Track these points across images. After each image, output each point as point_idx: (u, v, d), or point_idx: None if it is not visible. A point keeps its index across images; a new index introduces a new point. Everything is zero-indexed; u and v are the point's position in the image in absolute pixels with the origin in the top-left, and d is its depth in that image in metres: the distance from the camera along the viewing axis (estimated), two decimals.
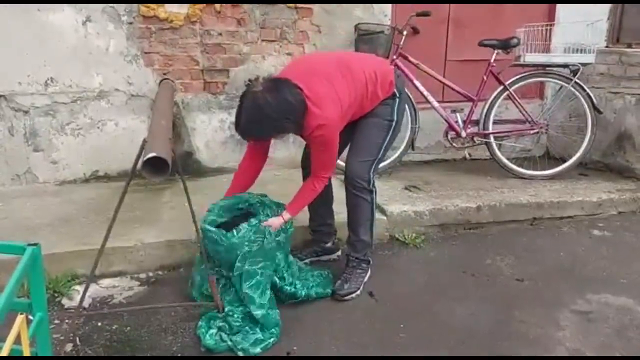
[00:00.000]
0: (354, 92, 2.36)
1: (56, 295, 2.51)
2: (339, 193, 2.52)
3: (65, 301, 2.49)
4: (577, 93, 3.92)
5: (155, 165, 1.90)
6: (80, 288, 2.48)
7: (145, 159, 1.80)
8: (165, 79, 3.71)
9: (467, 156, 4.39)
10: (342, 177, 2.56)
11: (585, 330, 2.27)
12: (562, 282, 2.70)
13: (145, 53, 3.71)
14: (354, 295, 2.52)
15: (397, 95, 2.51)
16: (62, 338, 2.20)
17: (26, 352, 1.43)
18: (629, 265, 2.88)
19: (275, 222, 2.36)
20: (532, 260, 2.94)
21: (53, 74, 3.61)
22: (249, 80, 2.24)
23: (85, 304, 2.45)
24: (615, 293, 2.58)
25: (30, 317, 1.60)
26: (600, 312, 2.41)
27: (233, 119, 3.92)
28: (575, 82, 3.86)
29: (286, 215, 2.41)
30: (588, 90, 3.88)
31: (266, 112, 2.16)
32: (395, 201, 3.38)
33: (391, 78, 2.49)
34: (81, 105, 3.69)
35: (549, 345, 2.16)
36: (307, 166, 2.61)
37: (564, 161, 4.08)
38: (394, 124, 2.53)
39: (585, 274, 2.79)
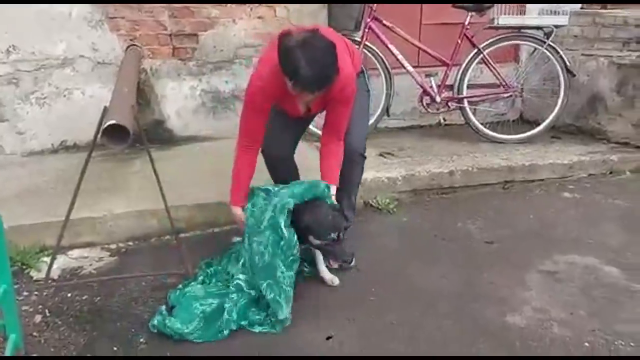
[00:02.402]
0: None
1: (24, 267, 2.48)
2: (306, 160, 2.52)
3: (33, 273, 2.46)
4: (550, 56, 3.91)
5: (117, 133, 1.86)
6: (49, 260, 2.45)
7: (104, 127, 1.75)
8: (132, 45, 3.60)
9: (442, 121, 4.40)
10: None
11: (551, 290, 2.32)
12: (531, 243, 2.74)
13: (110, 18, 3.59)
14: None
15: (363, 72, 2.57)
16: (31, 310, 2.18)
17: None
18: (597, 226, 2.93)
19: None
20: (502, 223, 2.98)
21: (14, 42, 3.49)
22: (283, 36, 2.04)
23: (55, 275, 2.44)
24: (582, 253, 2.63)
25: None
26: (567, 272, 2.46)
27: (203, 86, 3.91)
28: (549, 45, 3.85)
29: (334, 189, 2.36)
30: (561, 53, 3.88)
31: (332, 51, 2.04)
32: (369, 168, 3.32)
33: (359, 54, 2.60)
34: (45, 73, 3.58)
35: (515, 305, 2.20)
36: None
37: (538, 125, 4.10)
38: (369, 94, 2.61)
39: (553, 236, 2.83)
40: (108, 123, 1.73)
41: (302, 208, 2.15)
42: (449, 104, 3.97)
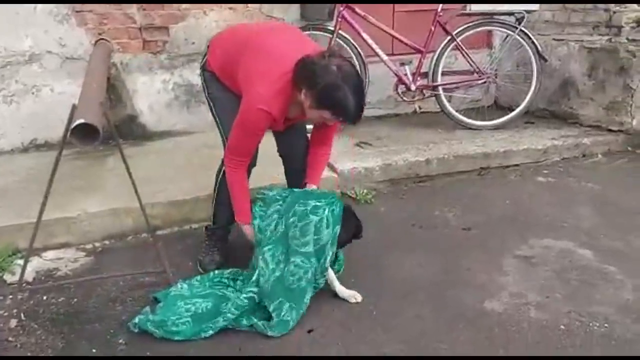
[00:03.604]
0: None
1: None
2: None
3: (7, 276, 2.41)
4: (522, 41, 3.94)
5: (87, 132, 1.81)
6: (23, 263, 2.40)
7: (73, 126, 1.71)
8: (101, 39, 3.52)
9: (418, 109, 4.40)
10: None
11: (527, 274, 2.36)
12: (507, 229, 2.78)
13: (77, 12, 3.50)
14: None
15: None
16: (5, 314, 2.14)
17: None
18: (570, 210, 2.98)
19: None
20: (478, 209, 3.01)
21: None
22: (309, 63, 1.91)
23: (30, 278, 2.39)
24: (557, 237, 2.68)
25: None
26: (542, 256, 2.50)
27: (176, 79, 3.85)
28: (521, 30, 3.87)
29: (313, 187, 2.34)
30: (533, 38, 3.91)
31: (358, 72, 2.00)
32: (346, 158, 3.37)
33: None
34: (12, 70, 3.49)
35: (493, 291, 2.23)
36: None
37: (512, 110, 4.14)
38: None
39: (529, 220, 2.88)
40: (76, 123, 1.69)
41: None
42: (424, 91, 3.98)
